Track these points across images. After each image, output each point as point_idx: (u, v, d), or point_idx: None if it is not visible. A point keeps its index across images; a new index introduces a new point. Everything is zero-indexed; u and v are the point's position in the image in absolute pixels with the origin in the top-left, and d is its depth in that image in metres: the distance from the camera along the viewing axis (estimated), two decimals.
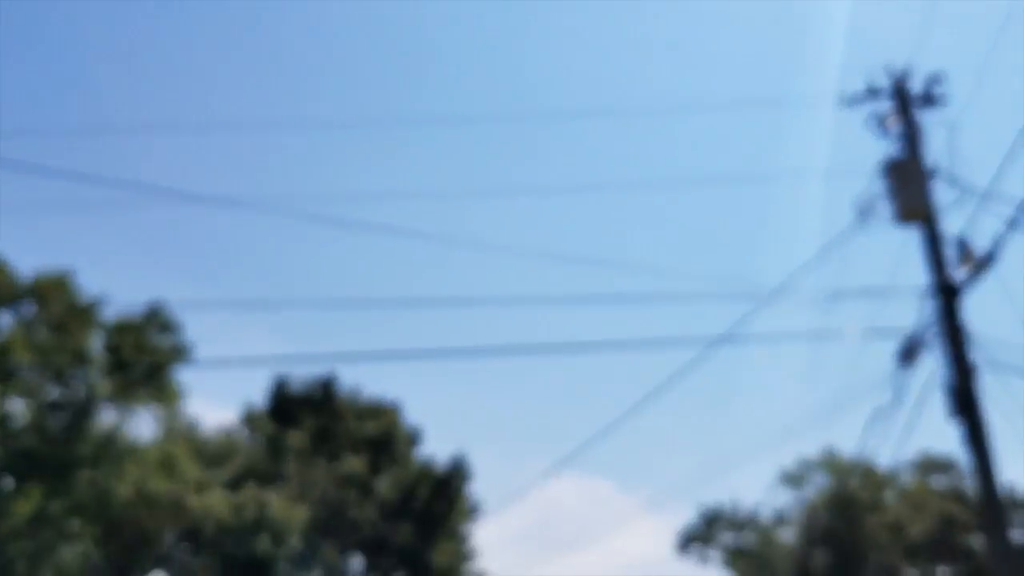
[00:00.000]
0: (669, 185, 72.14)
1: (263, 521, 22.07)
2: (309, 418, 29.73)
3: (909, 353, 11.02)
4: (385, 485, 29.48)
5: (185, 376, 23.61)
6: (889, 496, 31.06)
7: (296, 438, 28.02)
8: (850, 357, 14.11)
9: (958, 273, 10.60)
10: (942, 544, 28.40)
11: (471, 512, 35.39)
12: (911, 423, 11.56)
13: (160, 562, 24.84)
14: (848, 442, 28.78)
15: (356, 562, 31.04)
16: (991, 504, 10.01)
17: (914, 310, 11.23)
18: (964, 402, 9.93)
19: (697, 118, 63.38)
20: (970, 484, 25.82)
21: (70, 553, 20.89)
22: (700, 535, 37.32)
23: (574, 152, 75.09)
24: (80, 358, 21.27)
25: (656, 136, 75.40)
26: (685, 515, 39.02)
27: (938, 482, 31.37)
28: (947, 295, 10.50)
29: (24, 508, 20.86)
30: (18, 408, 22.80)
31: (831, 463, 32.84)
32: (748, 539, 35.74)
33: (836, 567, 28.00)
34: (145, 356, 22.23)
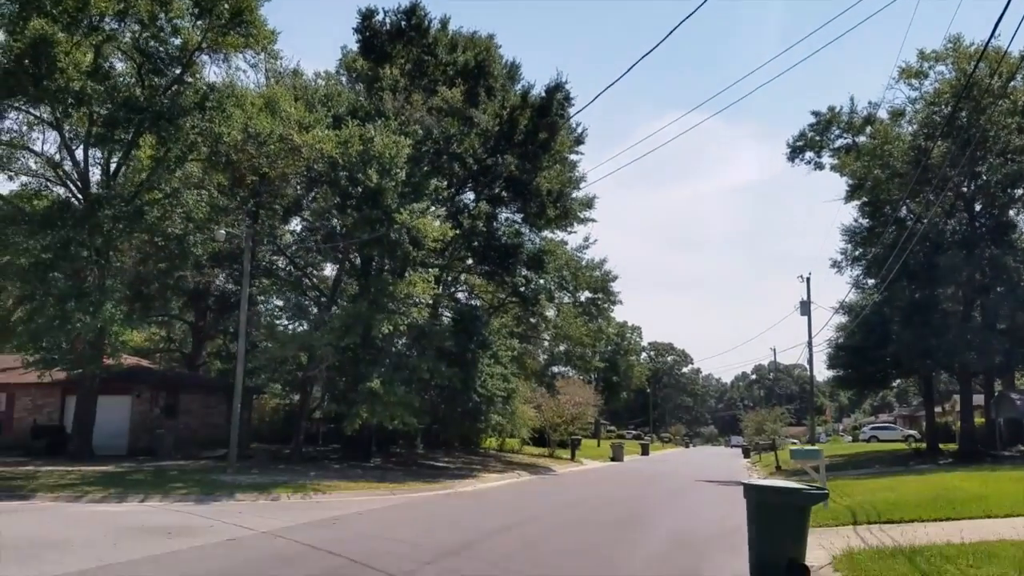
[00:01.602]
0: None
1: (369, 155, 23.01)
2: (401, 53, 29.27)
3: None
4: (485, 116, 29.64)
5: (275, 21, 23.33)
6: (1019, 83, 28.32)
7: (390, 73, 27.91)
8: None
9: None
10: None
11: (575, 139, 35.60)
12: None
13: (284, 202, 26.85)
14: (973, 30, 25.52)
15: (466, 195, 32.78)
16: None
17: None
18: None
19: None
20: None
21: (196, 198, 22.87)
22: (812, 143, 36.34)
23: None
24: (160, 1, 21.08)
25: None
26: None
27: None
28: None
29: (143, 155, 22.56)
30: (121, 65, 23.60)
31: (956, 51, 29.87)
32: (864, 141, 34.55)
33: (957, 157, 26.79)
34: None
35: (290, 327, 27.99)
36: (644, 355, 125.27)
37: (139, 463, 24.28)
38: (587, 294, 41.36)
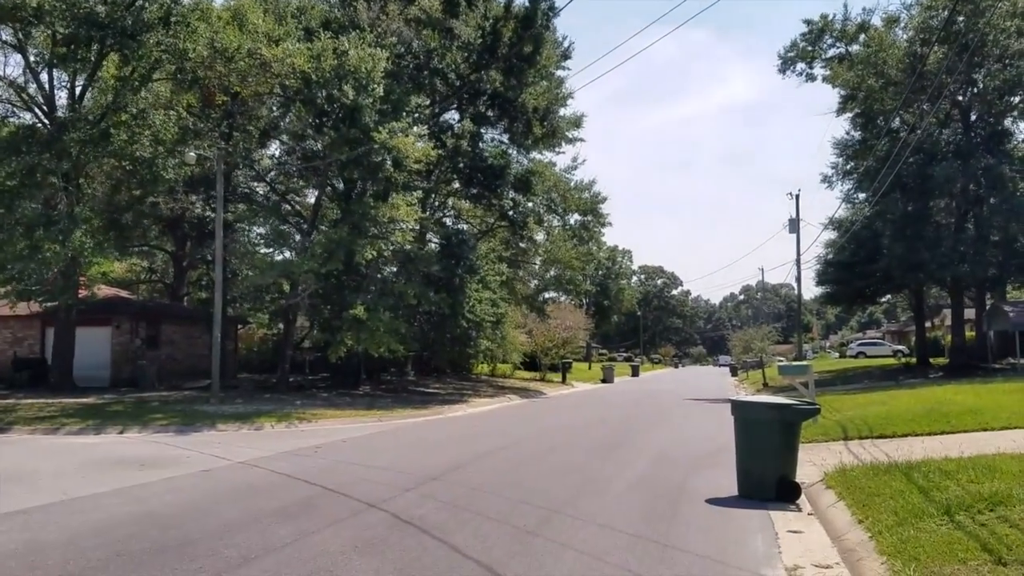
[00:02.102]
0: None
1: (344, 70, 21.90)
2: None
3: None
4: (467, 28, 28.27)
5: None
6: None
7: None
8: None
9: None
10: None
11: (562, 53, 34.25)
12: None
13: (260, 124, 25.80)
14: None
15: (450, 116, 31.59)
16: None
17: None
18: None
19: None
20: None
21: (164, 119, 21.81)
22: (804, 53, 35.07)
23: None
24: None
25: None
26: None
27: None
28: None
29: (108, 75, 21.42)
30: None
31: None
32: (857, 51, 33.34)
33: (954, 63, 25.78)
34: None
35: (272, 254, 27.30)
36: (635, 279, 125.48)
37: (121, 394, 23.97)
38: (577, 216, 40.64)
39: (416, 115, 25.28)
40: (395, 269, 24.81)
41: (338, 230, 22.15)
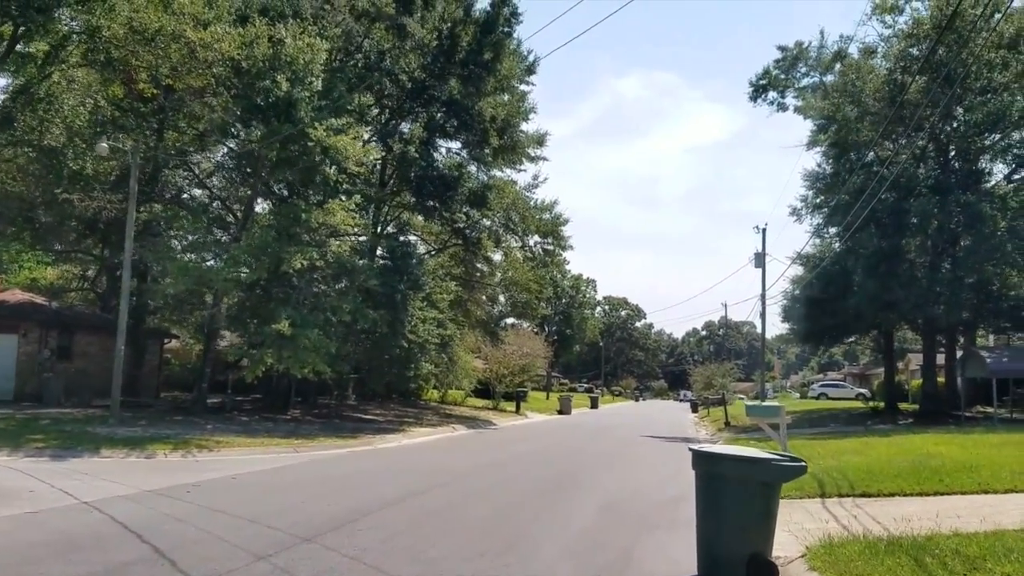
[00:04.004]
0: None
1: (280, 60, 19.81)
2: None
3: None
4: (423, 30, 26.34)
5: None
6: (1005, 22, 26.05)
7: None
8: None
9: None
10: None
11: (526, 68, 32.57)
12: None
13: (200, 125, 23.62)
14: None
15: (403, 126, 29.54)
16: None
17: None
18: None
19: None
20: None
21: (74, 104, 19.51)
22: (776, 81, 33.85)
23: None
24: None
25: None
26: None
27: None
28: None
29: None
30: None
31: None
32: (832, 80, 32.20)
33: (936, 95, 24.51)
34: None
35: (196, 261, 24.83)
36: (598, 309, 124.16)
37: (19, 409, 21.50)
38: (537, 238, 38.68)
39: (362, 116, 23.21)
40: (329, 281, 22.50)
41: (263, 235, 19.86)
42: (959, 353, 32.31)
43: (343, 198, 21.94)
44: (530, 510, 10.29)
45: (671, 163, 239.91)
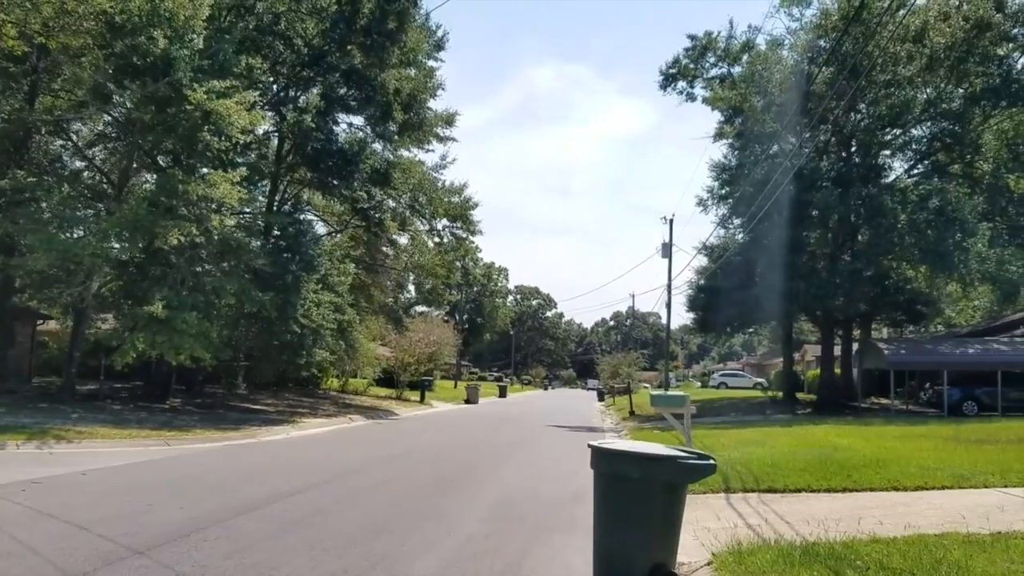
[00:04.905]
0: None
1: (157, 15, 17.89)
2: None
3: None
4: None
5: None
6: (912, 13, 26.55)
7: None
8: None
9: None
10: (968, 55, 24.86)
11: (435, 43, 31.28)
12: None
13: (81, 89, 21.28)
14: None
15: (300, 96, 27.72)
16: None
17: None
18: None
19: None
20: None
21: None
22: (685, 70, 33.67)
23: None
24: None
25: None
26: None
27: None
28: None
29: None
30: None
31: None
32: (740, 72, 32.27)
33: (843, 87, 24.69)
34: None
35: (72, 236, 22.47)
36: (510, 298, 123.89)
37: None
38: (445, 222, 37.41)
39: (252, 82, 21.42)
40: (214, 259, 20.69)
41: (136, 207, 17.93)
42: (855, 345, 33.10)
43: (229, 170, 20.17)
44: (413, 513, 9.24)
45: (586, 153, 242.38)
